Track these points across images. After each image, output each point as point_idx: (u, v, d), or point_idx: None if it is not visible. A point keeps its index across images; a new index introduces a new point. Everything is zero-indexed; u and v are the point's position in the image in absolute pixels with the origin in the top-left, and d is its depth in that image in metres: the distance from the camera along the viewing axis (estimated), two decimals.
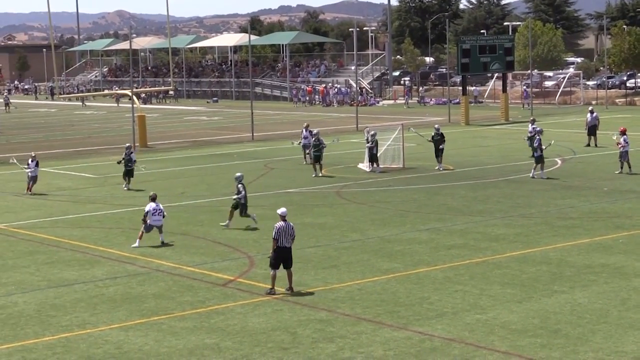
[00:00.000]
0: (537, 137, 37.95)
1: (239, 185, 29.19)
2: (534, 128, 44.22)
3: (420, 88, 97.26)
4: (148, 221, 26.51)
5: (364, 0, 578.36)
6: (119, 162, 38.37)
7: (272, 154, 50.48)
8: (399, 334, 17.89)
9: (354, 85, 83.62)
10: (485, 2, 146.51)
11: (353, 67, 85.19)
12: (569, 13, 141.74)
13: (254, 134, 59.62)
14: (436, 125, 42.68)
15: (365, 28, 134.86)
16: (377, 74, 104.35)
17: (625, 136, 38.30)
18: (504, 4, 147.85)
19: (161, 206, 26.96)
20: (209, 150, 53.88)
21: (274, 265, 20.87)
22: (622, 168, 37.99)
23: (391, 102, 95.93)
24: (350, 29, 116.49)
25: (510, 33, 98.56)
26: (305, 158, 44.13)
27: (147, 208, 26.64)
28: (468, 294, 20.60)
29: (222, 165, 46.12)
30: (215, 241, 27.26)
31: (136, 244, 26.56)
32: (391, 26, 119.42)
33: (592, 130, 48.44)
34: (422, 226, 28.59)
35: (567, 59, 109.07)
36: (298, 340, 17.67)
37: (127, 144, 40.05)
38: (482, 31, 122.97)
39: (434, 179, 38.50)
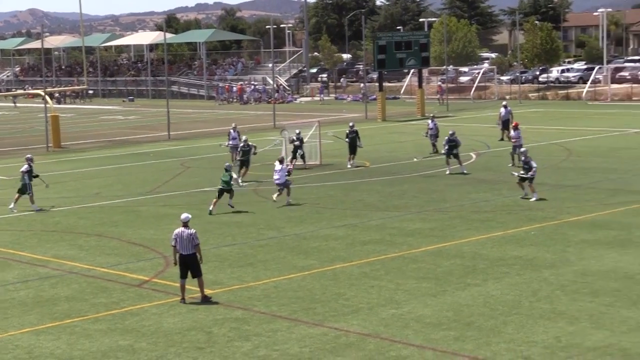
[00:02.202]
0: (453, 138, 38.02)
1: (232, 173, 31.42)
2: (434, 124, 44.87)
3: (341, 81, 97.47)
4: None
5: None
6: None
7: (189, 152, 50.16)
8: (314, 330, 17.92)
9: (271, 82, 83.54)
10: None
11: (270, 65, 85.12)
12: (483, 9, 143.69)
13: (171, 133, 59.18)
14: (351, 123, 42.81)
15: (282, 25, 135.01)
16: (294, 71, 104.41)
17: (518, 131, 38.76)
18: (420, 1, 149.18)
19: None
20: (124, 149, 53.31)
21: (180, 274, 20.10)
22: (513, 161, 38.28)
23: (308, 99, 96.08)
24: (267, 26, 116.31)
25: (425, 29, 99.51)
26: (234, 160, 43.54)
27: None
28: (384, 289, 20.73)
29: (138, 164, 45.67)
30: (130, 242, 26.98)
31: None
32: (308, 23, 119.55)
33: (505, 124, 49.11)
34: (339, 222, 28.68)
35: (481, 54, 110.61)
36: (213, 340, 17.58)
37: (28, 155, 35.05)
38: (398, 27, 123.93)
39: (351, 175, 38.65)
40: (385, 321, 18.30)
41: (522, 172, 31.75)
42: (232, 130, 43.78)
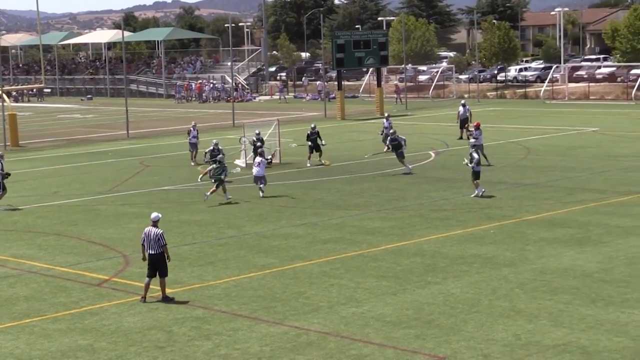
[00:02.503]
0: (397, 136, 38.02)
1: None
2: (389, 123, 45.00)
3: (302, 80, 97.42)
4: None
5: None
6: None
7: (148, 151, 49.90)
8: (275, 329, 17.91)
9: (230, 81, 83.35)
10: None
11: (229, 63, 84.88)
12: (441, 8, 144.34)
13: (130, 132, 58.86)
14: (312, 125, 42.74)
15: (241, 24, 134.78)
16: (253, 70, 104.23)
17: (479, 130, 38.91)
18: (378, 0, 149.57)
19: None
20: (83, 148, 52.93)
21: (147, 273, 19.99)
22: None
23: (267, 97, 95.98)
24: (225, 25, 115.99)
25: (384, 28, 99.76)
26: (192, 158, 43.37)
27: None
28: (344, 287, 20.76)
29: (96, 163, 45.36)
30: (90, 241, 26.79)
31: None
32: (267, 22, 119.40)
33: (464, 123, 49.40)
34: (299, 221, 28.68)
35: (440, 53, 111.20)
36: (174, 339, 17.51)
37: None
38: (357, 26, 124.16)
39: (311, 174, 38.66)
40: (345, 320, 18.33)
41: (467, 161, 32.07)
42: (191, 128, 43.75)
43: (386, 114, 48.28)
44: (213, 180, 32.53)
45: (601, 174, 35.91)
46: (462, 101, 52.96)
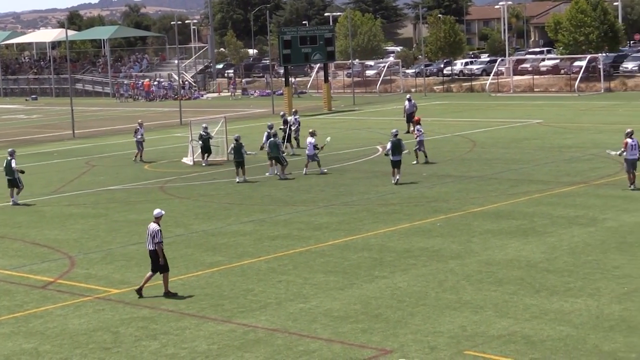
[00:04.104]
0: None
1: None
2: (295, 119, 44.73)
3: (242, 80, 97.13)
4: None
5: None
6: None
7: (94, 151, 49.47)
8: (223, 327, 17.86)
9: (177, 78, 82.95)
10: None
11: (176, 61, 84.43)
12: (387, 3, 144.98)
13: (75, 131, 58.31)
14: (269, 123, 42.47)
15: (187, 21, 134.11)
16: (200, 67, 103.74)
17: (419, 126, 39.13)
18: None
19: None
20: (27, 149, 52.25)
21: (151, 268, 20.21)
22: (417, 158, 38.37)
23: (215, 94, 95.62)
24: (172, 22, 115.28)
25: (331, 24, 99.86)
26: (138, 156, 43.03)
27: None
28: (292, 283, 20.77)
29: (41, 164, 44.85)
30: (34, 243, 26.51)
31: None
32: (213, 19, 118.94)
33: (410, 117, 49.59)
34: (246, 218, 28.63)
35: (386, 48, 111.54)
36: (120, 340, 17.39)
37: None
38: (304, 22, 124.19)
39: (258, 171, 38.56)
40: (293, 316, 18.34)
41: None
42: (138, 127, 43.51)
43: (294, 110, 47.64)
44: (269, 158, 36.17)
45: (545, 165, 36.29)
46: (408, 96, 53.18)
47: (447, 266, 21.61)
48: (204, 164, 40.54)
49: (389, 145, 33.77)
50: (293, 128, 44.11)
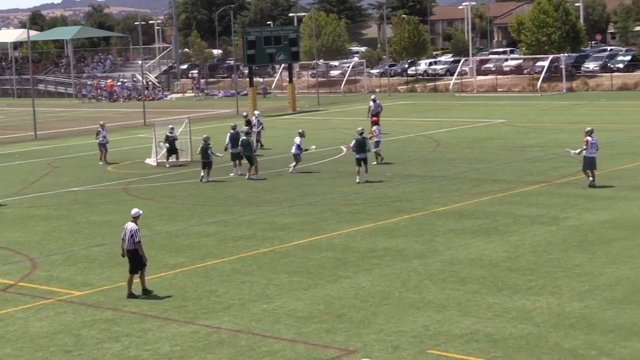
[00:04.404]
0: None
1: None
2: (258, 120, 44.64)
3: (201, 80, 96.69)
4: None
5: None
6: None
7: (56, 152, 49.09)
8: (186, 328, 17.80)
9: (141, 79, 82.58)
10: None
11: (140, 62, 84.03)
12: (351, 3, 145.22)
13: (38, 133, 57.86)
14: (232, 124, 42.31)
15: (151, 21, 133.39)
16: (164, 68, 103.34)
17: (377, 126, 39.19)
18: None
19: None
20: None
21: (129, 269, 20.08)
22: (377, 159, 38.28)
23: (180, 95, 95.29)
24: (136, 23, 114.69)
25: (295, 24, 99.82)
26: (103, 157, 42.73)
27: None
28: (255, 284, 20.73)
29: (2, 165, 44.46)
30: None
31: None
32: (177, 19, 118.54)
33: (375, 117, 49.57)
34: (210, 219, 28.54)
35: (351, 48, 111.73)
36: (82, 342, 17.27)
37: None
38: (268, 23, 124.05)
39: (222, 172, 38.43)
40: (257, 316, 18.31)
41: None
42: (100, 129, 43.23)
43: (257, 112, 47.40)
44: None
45: (508, 164, 36.51)
46: (373, 96, 53.24)
47: (410, 266, 21.67)
48: (167, 165, 40.38)
49: (352, 143, 34.04)
50: (255, 130, 43.94)
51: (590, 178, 30.53)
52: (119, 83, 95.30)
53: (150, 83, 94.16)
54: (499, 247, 22.99)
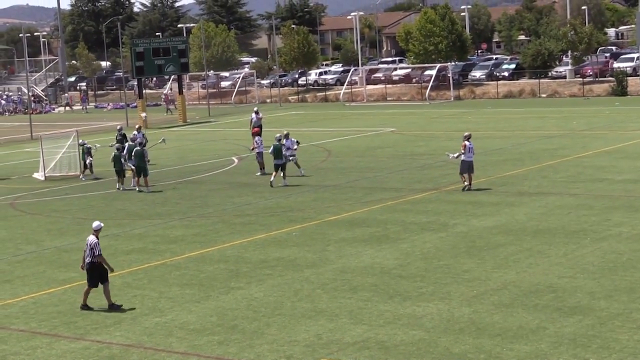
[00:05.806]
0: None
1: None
2: (141, 134, 43.15)
3: (91, 92, 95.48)
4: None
5: (35, 5, 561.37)
6: None
7: None
8: (76, 344, 17.53)
9: (27, 92, 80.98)
10: (159, 4, 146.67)
11: (25, 74, 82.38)
12: (241, 14, 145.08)
13: None
14: (119, 126, 41.89)
15: (36, 33, 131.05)
16: (51, 80, 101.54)
17: (258, 137, 39.39)
18: (178, 6, 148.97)
19: None
20: None
21: (87, 282, 19.96)
22: (262, 170, 38.02)
23: (67, 108, 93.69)
24: (20, 35, 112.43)
25: (184, 35, 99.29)
26: None
27: None
28: (147, 297, 20.55)
29: None
30: None
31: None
32: (64, 31, 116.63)
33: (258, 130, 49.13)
34: (100, 233, 28.02)
35: (241, 59, 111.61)
36: None
37: None
38: (157, 34, 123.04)
39: (111, 185, 37.96)
40: (148, 330, 18.15)
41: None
42: None
43: (137, 126, 46.48)
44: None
45: (398, 172, 37.00)
46: (255, 108, 53.09)
47: (302, 275, 21.77)
48: (83, 179, 39.59)
49: (271, 149, 35.09)
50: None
51: (466, 182, 31.39)
52: (4, 96, 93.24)
53: (35, 96, 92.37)
54: (389, 255, 23.28)
